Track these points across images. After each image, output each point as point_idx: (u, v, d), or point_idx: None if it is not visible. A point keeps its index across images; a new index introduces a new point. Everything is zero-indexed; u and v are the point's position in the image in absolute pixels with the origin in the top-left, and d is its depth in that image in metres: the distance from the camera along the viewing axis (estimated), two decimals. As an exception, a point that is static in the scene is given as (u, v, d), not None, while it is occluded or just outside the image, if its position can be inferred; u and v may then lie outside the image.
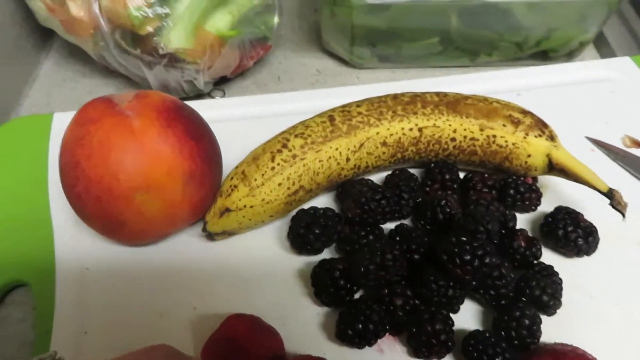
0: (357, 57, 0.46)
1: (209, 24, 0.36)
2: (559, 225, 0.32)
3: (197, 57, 0.37)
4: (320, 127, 0.33)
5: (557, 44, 0.46)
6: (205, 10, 0.36)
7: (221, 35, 0.37)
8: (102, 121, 0.28)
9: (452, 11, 0.42)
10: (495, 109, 0.35)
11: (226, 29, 0.37)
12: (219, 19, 0.36)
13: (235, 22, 0.37)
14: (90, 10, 0.36)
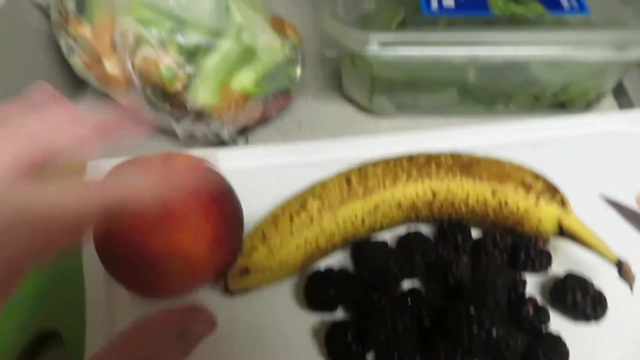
0: (376, 105, 0.47)
1: (234, 82, 0.38)
2: (568, 293, 0.33)
3: (223, 112, 0.39)
4: (337, 189, 0.35)
5: (574, 96, 0.47)
6: (230, 69, 0.37)
7: (246, 91, 0.39)
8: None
9: (470, 66, 0.43)
10: (508, 173, 0.36)
11: (250, 85, 0.39)
12: (243, 76, 0.38)
13: (259, 79, 0.39)
14: (124, 68, 0.38)
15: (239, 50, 0.37)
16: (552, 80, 0.45)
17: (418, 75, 0.44)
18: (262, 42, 0.38)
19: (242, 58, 0.38)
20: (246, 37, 0.38)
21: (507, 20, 0.43)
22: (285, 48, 0.39)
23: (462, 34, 0.40)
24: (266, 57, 0.38)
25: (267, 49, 0.38)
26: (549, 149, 0.43)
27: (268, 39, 0.38)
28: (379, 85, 0.45)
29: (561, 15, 0.43)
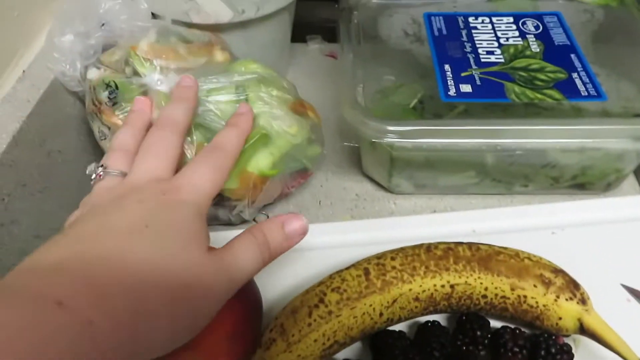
0: (395, 185, 0.48)
1: (251, 165, 0.39)
2: (589, 396, 0.32)
3: (241, 195, 0.40)
4: (355, 282, 0.35)
5: (593, 178, 0.47)
6: (247, 153, 0.39)
7: (263, 174, 0.40)
8: None
9: (488, 151, 0.44)
10: (527, 267, 0.36)
11: (267, 168, 0.40)
12: (260, 160, 0.39)
13: (276, 161, 0.40)
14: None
15: (252, 136, 0.38)
16: (571, 164, 0.45)
17: (436, 158, 0.45)
18: (279, 127, 0.39)
19: (255, 142, 0.39)
20: (263, 122, 0.39)
21: (524, 106, 0.44)
22: (304, 130, 0.41)
23: (479, 123, 0.41)
24: (283, 141, 0.40)
25: (283, 133, 0.39)
26: (568, 233, 0.43)
27: (285, 123, 0.40)
28: (397, 166, 0.46)
29: (578, 102, 0.44)
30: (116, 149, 0.34)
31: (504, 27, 0.52)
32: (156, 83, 0.39)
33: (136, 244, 0.26)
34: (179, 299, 0.25)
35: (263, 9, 0.48)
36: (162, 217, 0.28)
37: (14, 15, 0.40)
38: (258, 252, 0.30)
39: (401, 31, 0.52)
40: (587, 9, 0.54)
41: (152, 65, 0.40)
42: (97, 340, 0.21)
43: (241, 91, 0.41)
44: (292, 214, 0.32)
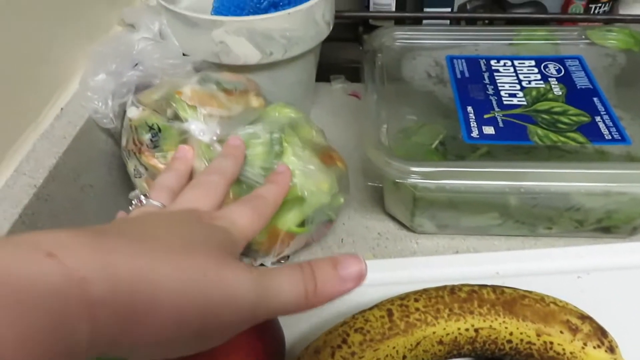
0: (417, 225, 0.48)
1: (280, 222, 0.40)
2: None
3: (268, 249, 0.41)
4: (379, 323, 0.35)
5: (618, 222, 0.46)
6: (279, 211, 0.39)
7: (292, 231, 0.40)
8: None
9: (511, 193, 0.44)
10: (553, 312, 0.36)
11: (296, 225, 0.40)
12: (291, 218, 0.40)
13: (305, 219, 0.41)
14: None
15: (289, 197, 0.39)
16: (595, 207, 0.45)
17: (459, 199, 0.45)
18: (311, 186, 0.40)
19: (290, 203, 0.39)
20: (297, 183, 0.39)
21: (547, 149, 0.44)
22: (333, 185, 0.41)
23: (502, 165, 0.41)
24: (314, 199, 0.40)
25: (316, 191, 0.40)
26: (593, 279, 0.43)
27: (317, 180, 0.40)
28: (420, 206, 0.46)
29: (602, 146, 0.44)
30: (160, 187, 0.35)
31: (526, 70, 0.53)
32: (199, 133, 0.40)
33: (160, 243, 0.24)
34: (190, 302, 0.22)
35: (290, 51, 0.49)
36: (195, 231, 0.27)
37: (54, 57, 0.42)
38: (301, 286, 0.26)
39: (424, 73, 0.53)
40: (609, 53, 0.55)
41: (196, 113, 0.40)
42: (87, 298, 0.19)
43: (276, 139, 0.41)
44: (350, 255, 0.28)
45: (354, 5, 0.72)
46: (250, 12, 0.49)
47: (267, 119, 0.43)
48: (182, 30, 0.49)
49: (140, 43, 0.48)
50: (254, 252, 0.41)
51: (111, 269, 0.20)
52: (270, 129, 0.42)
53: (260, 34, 0.47)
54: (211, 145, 0.39)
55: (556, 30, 0.57)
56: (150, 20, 0.51)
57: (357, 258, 0.28)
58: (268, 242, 0.41)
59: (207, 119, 0.39)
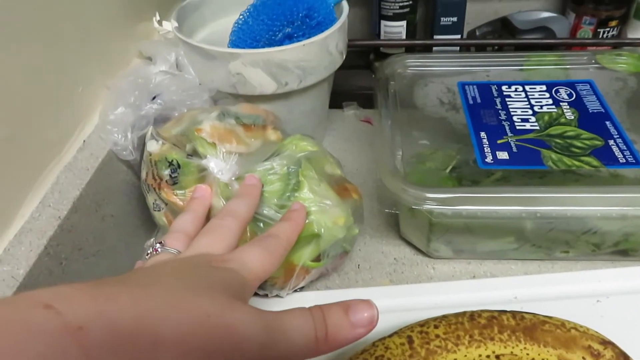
0: (433, 250, 0.48)
1: (295, 257, 0.40)
2: None
3: (284, 283, 0.41)
4: (399, 350, 0.35)
5: (636, 245, 0.46)
6: (296, 247, 0.40)
7: (308, 266, 0.41)
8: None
9: (527, 218, 0.44)
10: (574, 338, 0.35)
11: (311, 259, 0.41)
12: (307, 253, 0.40)
13: (321, 253, 0.41)
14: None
15: (304, 234, 0.39)
16: (612, 230, 0.45)
17: (475, 224, 0.45)
18: (327, 221, 0.40)
19: (307, 239, 0.40)
20: (313, 220, 0.40)
21: (562, 173, 0.44)
22: (349, 219, 0.42)
23: (518, 190, 0.42)
24: (330, 235, 0.40)
25: (332, 226, 0.40)
26: (613, 302, 0.43)
27: (333, 215, 0.40)
28: (436, 232, 0.46)
29: (617, 169, 0.44)
30: (176, 231, 0.35)
31: (538, 95, 0.53)
32: (218, 172, 0.40)
33: (163, 288, 0.24)
34: (191, 341, 0.23)
35: (305, 81, 0.50)
36: (202, 274, 0.28)
37: (78, 91, 0.43)
38: (312, 331, 0.27)
39: (436, 99, 0.54)
40: (620, 77, 0.55)
41: (215, 150, 0.41)
42: (85, 346, 0.19)
43: (293, 176, 0.41)
44: (361, 300, 0.29)
45: (365, 33, 0.74)
46: (265, 44, 0.50)
47: (284, 152, 0.44)
48: (199, 62, 0.50)
49: (158, 76, 0.50)
50: (269, 286, 0.42)
51: (108, 316, 0.21)
52: (287, 162, 0.42)
53: (275, 65, 0.48)
54: (229, 185, 0.40)
55: (566, 55, 0.58)
56: (168, 53, 0.52)
57: (369, 303, 0.29)
58: (284, 277, 0.41)
59: (226, 157, 0.40)
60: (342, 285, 0.47)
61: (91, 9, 0.45)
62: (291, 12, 0.50)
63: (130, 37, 0.54)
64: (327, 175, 0.44)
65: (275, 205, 0.40)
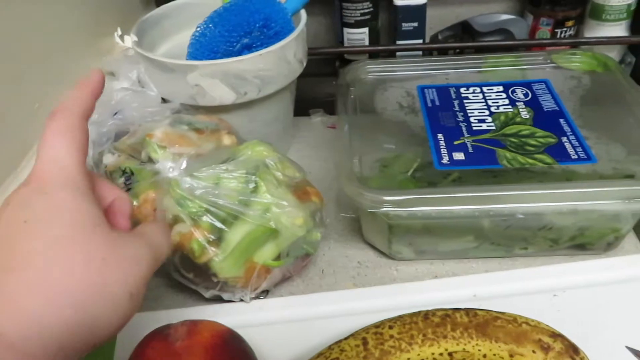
0: (395, 251, 0.49)
1: (257, 256, 0.41)
2: None
3: (245, 283, 0.41)
4: (354, 352, 0.36)
5: (592, 239, 0.47)
6: (254, 245, 0.40)
7: (268, 265, 0.41)
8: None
9: (481, 217, 0.45)
10: (525, 332, 0.36)
11: (272, 258, 0.41)
12: (266, 252, 0.41)
13: (282, 252, 0.42)
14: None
15: (263, 231, 0.40)
16: (567, 225, 0.46)
17: (433, 225, 0.46)
18: (285, 221, 0.41)
19: (265, 236, 0.41)
20: (271, 217, 0.41)
21: (516, 172, 0.45)
22: (309, 220, 0.42)
23: (471, 190, 0.43)
24: (289, 233, 0.41)
25: (291, 226, 0.41)
26: (569, 295, 0.43)
27: (291, 216, 0.41)
28: (396, 234, 0.47)
29: (569, 166, 0.45)
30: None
31: (495, 96, 0.54)
32: (168, 169, 0.42)
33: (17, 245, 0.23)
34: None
35: (264, 90, 0.51)
36: (38, 207, 0.24)
37: (34, 108, 0.43)
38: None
39: (396, 104, 0.55)
40: (574, 76, 0.56)
41: (166, 152, 0.42)
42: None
43: (251, 178, 0.42)
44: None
45: (331, 41, 0.75)
46: (223, 55, 0.51)
47: (241, 157, 0.44)
48: (160, 76, 0.51)
49: (120, 93, 0.50)
50: (231, 287, 0.42)
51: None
52: (244, 166, 0.43)
53: (233, 76, 0.49)
54: (181, 182, 0.40)
55: (523, 56, 0.59)
56: (129, 69, 0.53)
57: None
58: (245, 277, 0.41)
59: (177, 157, 0.41)
60: (306, 290, 0.48)
61: (51, 25, 0.46)
62: (248, 23, 0.51)
63: (92, 52, 0.54)
64: (286, 179, 0.44)
65: (237, 201, 0.40)
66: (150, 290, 0.49)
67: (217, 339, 0.34)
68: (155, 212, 0.40)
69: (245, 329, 0.42)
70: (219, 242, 0.40)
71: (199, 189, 0.40)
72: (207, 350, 0.33)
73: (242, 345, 0.36)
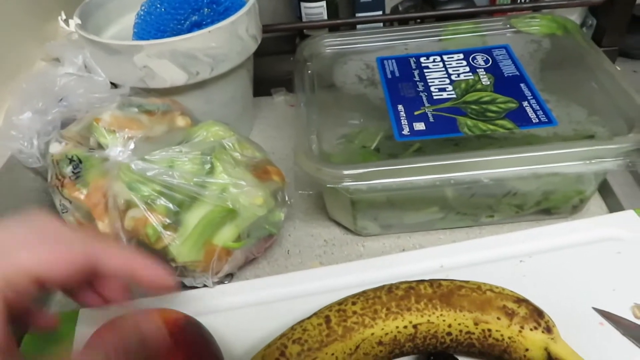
0: (360, 227, 0.48)
1: (216, 238, 0.40)
2: None
3: (206, 267, 0.40)
4: (316, 331, 0.35)
5: (557, 203, 0.47)
6: (213, 227, 0.39)
7: (228, 247, 0.40)
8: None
9: (442, 186, 0.44)
10: (489, 299, 0.36)
11: (232, 240, 0.40)
12: (225, 233, 0.40)
13: (242, 233, 0.41)
14: (114, 227, 0.40)
15: (220, 211, 0.39)
16: (531, 190, 0.45)
17: (397, 197, 0.45)
18: (244, 200, 0.40)
19: (223, 217, 0.39)
20: (228, 197, 0.39)
21: (477, 139, 0.45)
22: (269, 199, 0.41)
23: (431, 159, 0.42)
24: (247, 213, 0.40)
25: (250, 206, 0.40)
26: (535, 261, 0.43)
27: (250, 195, 0.40)
28: (360, 209, 0.46)
29: (530, 130, 0.45)
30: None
31: (455, 64, 0.53)
32: (118, 154, 0.40)
33: None
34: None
35: (217, 69, 0.49)
36: None
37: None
38: None
39: (355, 77, 0.54)
40: (534, 40, 0.56)
41: (115, 137, 0.40)
42: None
43: (206, 159, 0.41)
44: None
45: (288, 17, 0.73)
46: (172, 33, 0.49)
47: (196, 138, 0.43)
48: (106, 59, 0.48)
49: (64, 78, 0.48)
50: (191, 272, 0.40)
51: None
52: (199, 148, 0.41)
53: (183, 55, 0.47)
54: (132, 165, 0.38)
55: (482, 22, 0.58)
56: (74, 54, 0.50)
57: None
58: (204, 260, 0.40)
59: (127, 142, 0.39)
60: (271, 272, 0.47)
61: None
62: (195, 0, 0.48)
63: (34, 38, 0.51)
64: (245, 159, 0.43)
65: (192, 182, 0.39)
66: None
67: (171, 327, 0.32)
68: (105, 199, 0.39)
69: (210, 315, 0.41)
70: (175, 225, 0.39)
71: (151, 170, 0.38)
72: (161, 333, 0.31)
73: (200, 330, 0.34)
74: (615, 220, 0.45)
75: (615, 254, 0.43)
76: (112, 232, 0.40)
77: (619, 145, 0.41)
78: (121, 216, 0.39)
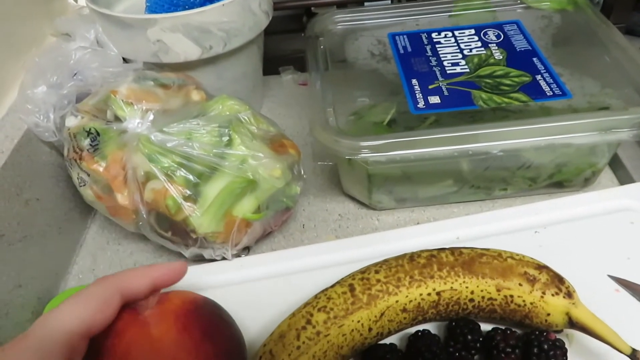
0: (375, 201, 0.48)
1: (235, 210, 0.40)
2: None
3: (226, 238, 0.40)
4: (341, 299, 0.35)
5: (569, 175, 0.47)
6: (233, 199, 0.39)
7: (247, 218, 0.40)
8: (125, 333, 0.29)
9: (460, 157, 0.44)
10: (510, 266, 0.36)
11: (251, 211, 0.40)
12: (245, 205, 0.40)
13: (260, 205, 0.41)
14: (133, 200, 0.40)
15: (241, 182, 0.39)
16: (545, 163, 0.46)
17: (412, 170, 0.45)
18: (263, 172, 0.40)
19: (243, 189, 0.39)
20: (248, 168, 0.39)
21: (492, 111, 0.45)
22: (287, 172, 0.41)
23: (449, 130, 0.42)
24: (267, 185, 0.40)
25: (269, 177, 0.40)
26: (550, 233, 0.44)
27: (269, 167, 0.40)
28: (376, 182, 0.46)
29: (545, 102, 0.45)
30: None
31: (467, 39, 0.53)
32: (137, 126, 0.40)
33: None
34: None
35: (230, 43, 0.49)
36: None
37: (-16, 71, 0.40)
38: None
39: (367, 52, 0.54)
40: (545, 15, 0.56)
41: (133, 109, 0.40)
42: None
43: (224, 131, 0.41)
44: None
45: (295, -4, 0.72)
46: (185, 7, 0.48)
47: (212, 112, 0.43)
48: (118, 34, 0.48)
49: (78, 52, 0.47)
50: (211, 243, 0.41)
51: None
52: (216, 121, 0.41)
53: (196, 29, 0.46)
54: (151, 136, 0.38)
55: (492, -2, 0.58)
56: (85, 29, 0.50)
57: None
58: (225, 231, 0.40)
59: (145, 114, 0.39)
60: (287, 246, 0.47)
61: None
62: (208, -27, 0.48)
63: (43, 13, 0.51)
64: (261, 132, 0.43)
65: (212, 154, 0.39)
66: (125, 257, 0.47)
67: (188, 305, 0.32)
68: (124, 171, 0.39)
69: (227, 287, 0.41)
70: (195, 197, 0.39)
71: (171, 142, 0.38)
72: (177, 317, 0.30)
73: (218, 311, 0.33)
74: (627, 191, 0.46)
75: (628, 224, 0.44)
76: (131, 204, 0.40)
77: (634, 115, 0.41)
78: (140, 188, 0.39)
